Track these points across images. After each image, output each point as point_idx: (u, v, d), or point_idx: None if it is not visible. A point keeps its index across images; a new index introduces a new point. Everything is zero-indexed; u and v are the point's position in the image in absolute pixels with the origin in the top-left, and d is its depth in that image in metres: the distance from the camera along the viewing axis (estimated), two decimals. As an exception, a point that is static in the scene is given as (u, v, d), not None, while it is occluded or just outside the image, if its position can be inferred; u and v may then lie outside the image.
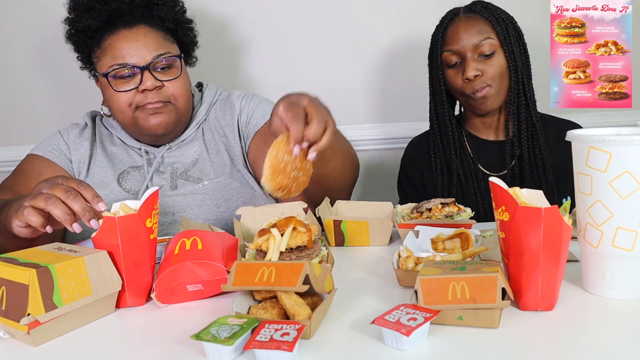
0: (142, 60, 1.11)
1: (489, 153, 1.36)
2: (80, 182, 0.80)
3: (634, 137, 0.62)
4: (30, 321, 0.60)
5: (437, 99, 1.34)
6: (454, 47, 1.26)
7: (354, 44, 1.67)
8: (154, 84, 1.11)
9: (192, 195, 1.15)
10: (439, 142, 1.36)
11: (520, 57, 1.27)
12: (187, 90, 1.18)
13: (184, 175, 1.19)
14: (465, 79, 1.25)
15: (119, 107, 1.14)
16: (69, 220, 0.77)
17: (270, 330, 0.55)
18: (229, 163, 1.21)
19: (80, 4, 1.15)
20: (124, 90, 1.12)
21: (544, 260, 0.62)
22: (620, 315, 0.63)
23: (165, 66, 1.14)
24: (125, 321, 0.69)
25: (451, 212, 1.00)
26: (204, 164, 1.20)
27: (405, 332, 0.54)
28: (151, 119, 1.14)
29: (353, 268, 0.85)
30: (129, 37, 1.12)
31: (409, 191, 1.42)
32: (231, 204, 1.16)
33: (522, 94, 1.29)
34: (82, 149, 1.21)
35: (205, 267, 0.72)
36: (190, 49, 1.27)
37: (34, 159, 1.19)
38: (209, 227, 0.91)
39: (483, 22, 1.26)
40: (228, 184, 1.17)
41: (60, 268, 0.63)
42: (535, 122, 1.29)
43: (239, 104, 1.26)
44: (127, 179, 1.18)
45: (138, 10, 1.14)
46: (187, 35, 1.24)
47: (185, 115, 1.20)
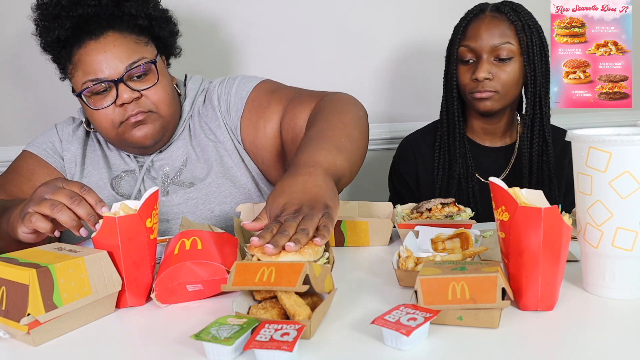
0: (114, 73, 1.04)
1: (483, 159, 1.35)
2: (82, 185, 0.80)
3: (634, 137, 0.62)
4: (30, 321, 0.60)
5: (448, 95, 1.33)
6: (472, 44, 1.25)
7: (356, 44, 1.67)
8: (131, 96, 1.05)
9: (185, 202, 1.11)
10: (446, 138, 1.35)
11: (541, 68, 1.25)
12: (168, 94, 1.11)
13: (175, 181, 1.15)
14: (475, 79, 1.24)
15: (102, 126, 1.09)
16: (76, 226, 0.77)
17: (270, 330, 0.55)
18: (217, 162, 1.15)
19: (46, 14, 1.08)
20: (102, 108, 1.06)
21: (544, 260, 0.62)
22: (620, 315, 0.63)
23: (141, 74, 1.07)
24: (125, 321, 0.69)
25: (451, 212, 1.00)
26: (193, 165, 1.16)
27: (405, 332, 0.54)
28: (136, 132, 1.08)
29: (353, 268, 0.85)
30: (97, 49, 1.04)
31: (402, 191, 1.41)
32: (225, 207, 1.12)
33: (537, 107, 1.27)
34: (72, 148, 1.18)
35: (205, 267, 0.72)
36: (172, 40, 1.19)
37: (28, 158, 1.17)
38: (209, 227, 0.91)
39: (508, 26, 1.23)
40: (220, 185, 1.13)
41: (60, 268, 0.63)
42: (547, 137, 1.28)
43: (216, 95, 1.18)
44: (120, 184, 1.16)
45: (106, 12, 1.07)
46: (165, 28, 1.15)
47: (171, 120, 1.14)
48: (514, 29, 1.23)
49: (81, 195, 0.78)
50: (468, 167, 1.33)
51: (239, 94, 1.16)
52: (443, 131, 1.34)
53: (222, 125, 1.16)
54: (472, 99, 1.27)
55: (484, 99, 1.25)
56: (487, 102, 1.25)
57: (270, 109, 1.12)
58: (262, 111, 1.12)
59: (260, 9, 1.64)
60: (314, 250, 0.67)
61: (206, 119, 1.18)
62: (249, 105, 1.14)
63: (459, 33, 1.28)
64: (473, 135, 1.37)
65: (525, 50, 1.23)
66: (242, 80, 1.18)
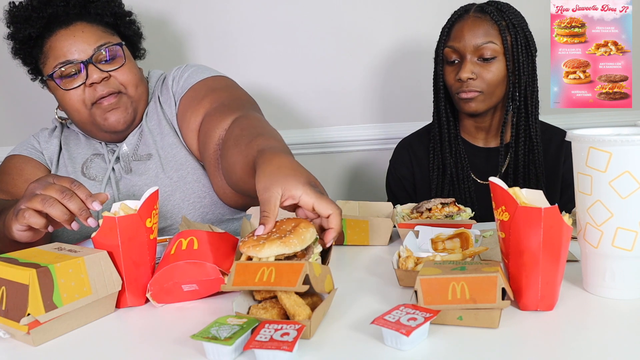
0: (83, 55, 1.10)
1: (478, 160, 1.35)
2: (72, 181, 0.81)
3: (634, 137, 0.62)
4: (30, 321, 0.60)
5: (437, 95, 1.34)
6: (456, 45, 1.25)
7: (353, 44, 1.67)
8: (100, 76, 1.10)
9: (145, 173, 1.14)
10: (438, 138, 1.35)
11: (527, 67, 1.25)
12: (135, 76, 1.17)
13: (135, 156, 1.17)
14: (458, 79, 1.24)
15: (73, 107, 1.13)
16: (67, 220, 0.78)
17: (270, 330, 0.55)
18: (163, 135, 1.18)
19: (16, 17, 1.14)
20: (72, 88, 1.11)
21: (544, 260, 0.62)
22: (620, 315, 0.63)
23: (109, 57, 1.12)
24: (125, 321, 0.69)
25: (451, 212, 1.00)
26: (146, 137, 1.18)
27: (405, 332, 0.54)
28: (109, 116, 1.13)
29: (353, 268, 0.85)
30: (66, 35, 1.11)
31: (400, 195, 1.41)
32: (182, 172, 1.14)
33: (522, 106, 1.27)
34: (51, 146, 1.22)
35: (198, 267, 0.71)
36: (136, 41, 1.26)
37: (12, 158, 1.21)
38: (209, 227, 0.90)
39: (491, 25, 1.23)
40: (176, 154, 1.15)
41: (60, 268, 0.63)
42: (533, 136, 1.28)
43: (171, 76, 1.22)
44: (91, 167, 1.18)
45: (74, 10, 1.13)
46: (129, 27, 1.23)
47: (140, 101, 1.18)
48: (497, 28, 1.23)
49: (72, 189, 0.80)
50: (463, 168, 1.33)
51: (188, 81, 1.19)
52: (435, 132, 1.35)
53: (173, 104, 1.20)
54: (458, 99, 1.27)
55: (469, 100, 1.25)
56: (471, 103, 1.25)
57: (201, 105, 1.14)
58: (194, 104, 1.15)
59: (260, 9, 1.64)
60: (300, 239, 0.67)
61: (161, 98, 1.22)
62: (188, 93, 1.18)
63: (444, 34, 1.29)
64: (467, 136, 1.37)
65: (510, 50, 1.23)
66: (197, 70, 1.22)
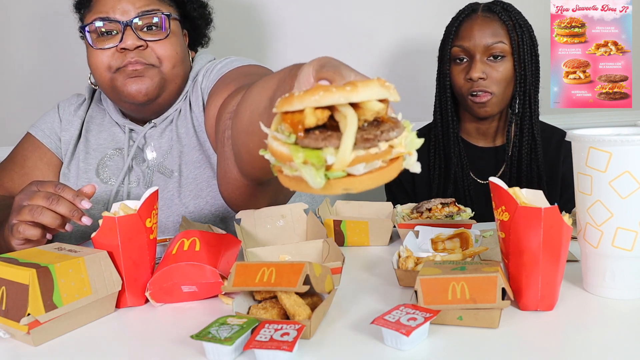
0: (125, 16, 1.00)
1: (478, 160, 1.35)
2: (56, 184, 0.81)
3: (634, 137, 0.62)
4: (30, 321, 0.60)
5: (442, 94, 1.33)
6: (465, 44, 1.25)
7: (353, 44, 1.67)
8: (135, 43, 1.00)
9: (160, 193, 1.03)
10: (440, 138, 1.35)
11: (531, 67, 1.26)
12: (176, 53, 1.04)
13: (161, 168, 1.08)
14: (469, 78, 1.25)
15: (97, 67, 1.03)
16: (59, 224, 0.79)
17: (270, 330, 0.55)
18: (200, 156, 1.07)
19: None
20: (102, 48, 1.02)
21: (544, 260, 0.62)
22: (620, 315, 0.63)
23: (153, 25, 1.02)
24: (125, 321, 0.69)
25: (451, 212, 1.00)
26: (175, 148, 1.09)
27: (405, 332, 0.54)
28: (130, 84, 1.01)
29: (353, 268, 0.85)
30: None
31: (399, 195, 1.41)
32: (199, 202, 1.05)
33: (527, 105, 1.28)
34: (72, 128, 1.15)
35: (198, 270, 0.71)
36: (201, 25, 1.15)
37: (25, 141, 1.17)
38: (209, 227, 0.90)
39: (500, 25, 1.25)
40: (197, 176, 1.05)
41: (60, 268, 0.63)
42: (536, 135, 1.29)
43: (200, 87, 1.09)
44: (107, 166, 1.10)
45: None
46: (196, 9, 1.12)
47: (172, 82, 1.06)
48: (506, 28, 1.24)
49: (57, 193, 0.79)
50: (463, 168, 1.33)
51: (220, 72, 1.06)
52: (437, 131, 1.35)
53: (201, 103, 1.09)
54: (471, 103, 1.27)
55: (482, 105, 1.25)
56: (486, 107, 1.26)
57: (227, 88, 0.97)
58: (220, 89, 1.00)
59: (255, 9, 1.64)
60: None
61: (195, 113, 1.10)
62: (217, 83, 1.03)
63: (452, 33, 1.29)
64: (467, 136, 1.37)
65: (516, 49, 1.24)
66: (232, 60, 1.08)
